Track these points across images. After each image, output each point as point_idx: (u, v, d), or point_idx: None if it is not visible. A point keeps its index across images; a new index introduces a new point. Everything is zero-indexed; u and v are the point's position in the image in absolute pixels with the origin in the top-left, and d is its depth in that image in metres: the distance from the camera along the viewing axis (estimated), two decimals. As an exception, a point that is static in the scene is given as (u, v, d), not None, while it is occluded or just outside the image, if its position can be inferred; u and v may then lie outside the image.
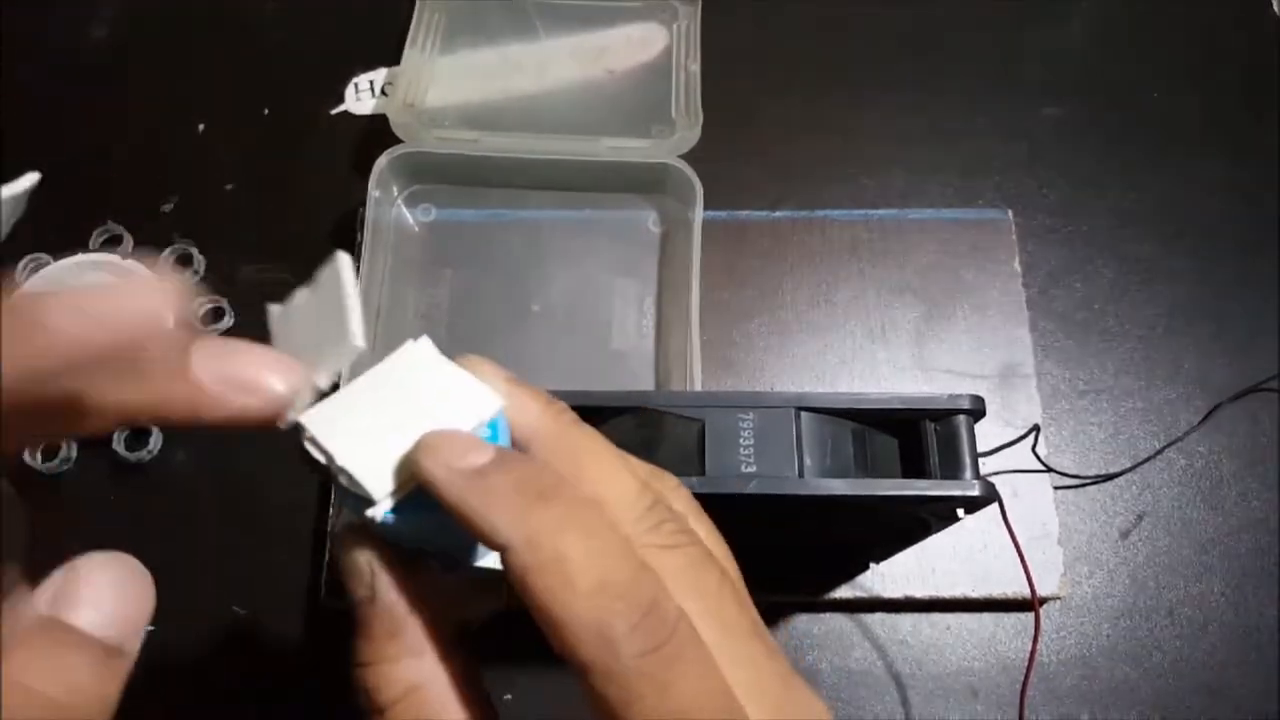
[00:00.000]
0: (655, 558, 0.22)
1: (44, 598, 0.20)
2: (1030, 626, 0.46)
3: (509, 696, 0.46)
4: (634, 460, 0.25)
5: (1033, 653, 0.42)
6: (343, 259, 0.23)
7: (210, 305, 0.52)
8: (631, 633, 0.19)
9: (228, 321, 0.52)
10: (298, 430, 0.21)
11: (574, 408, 0.34)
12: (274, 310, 0.23)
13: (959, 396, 0.34)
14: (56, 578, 0.20)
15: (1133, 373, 0.52)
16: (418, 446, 0.21)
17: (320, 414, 0.21)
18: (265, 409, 0.21)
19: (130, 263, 0.52)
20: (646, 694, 0.19)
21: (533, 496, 0.21)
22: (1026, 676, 0.42)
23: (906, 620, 0.47)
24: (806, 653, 0.46)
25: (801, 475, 0.32)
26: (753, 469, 0.32)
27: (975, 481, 0.33)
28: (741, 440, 0.33)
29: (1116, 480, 0.50)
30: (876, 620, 0.47)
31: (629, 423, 0.34)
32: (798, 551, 0.45)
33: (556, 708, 0.45)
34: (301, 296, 0.23)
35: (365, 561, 0.22)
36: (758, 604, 0.24)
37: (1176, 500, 0.50)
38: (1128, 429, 0.51)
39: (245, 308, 0.52)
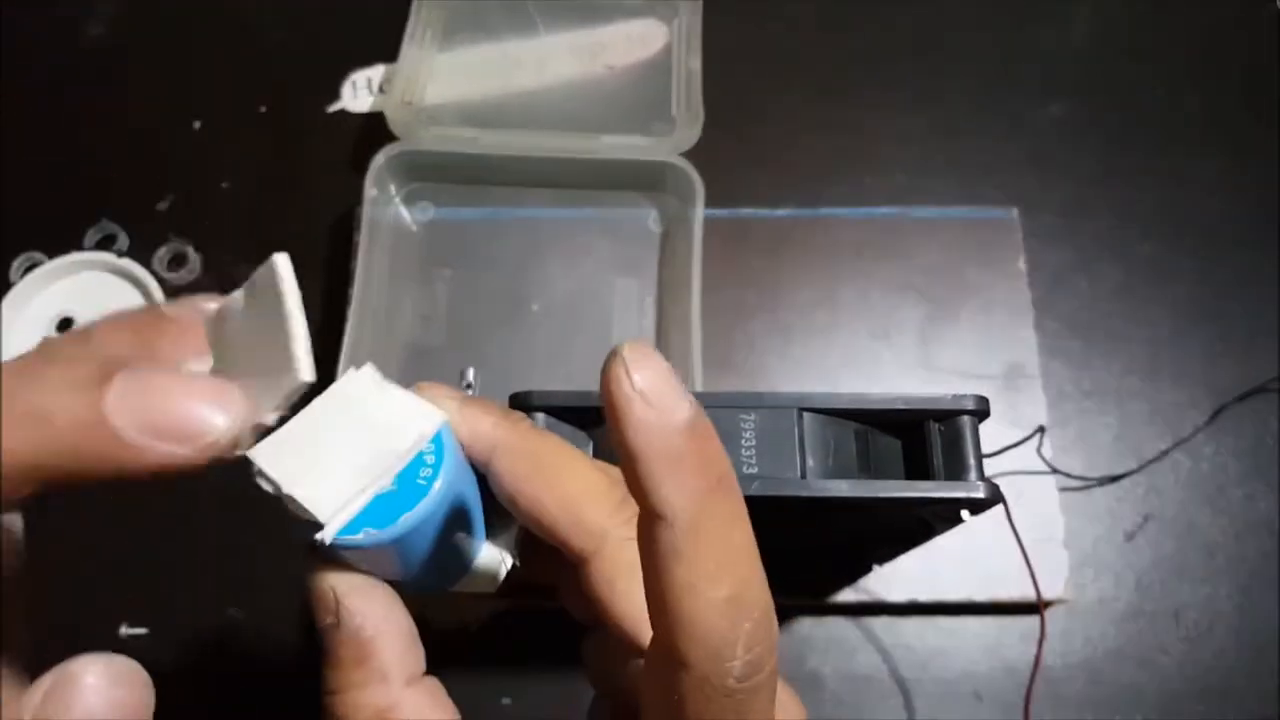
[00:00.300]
0: (633, 549, 0.22)
1: (32, 704, 0.19)
2: (1035, 630, 0.46)
3: (507, 700, 0.45)
4: (598, 461, 0.25)
5: (1038, 657, 0.41)
6: (281, 264, 0.21)
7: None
8: (746, 653, 0.19)
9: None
10: (247, 465, 0.21)
11: (574, 408, 0.33)
12: (208, 309, 0.22)
13: (963, 397, 0.33)
14: (45, 681, 0.19)
15: (1138, 373, 0.52)
16: (617, 394, 0.18)
17: (266, 446, 0.21)
18: (198, 457, 0.19)
19: (126, 262, 0.51)
20: (727, 713, 0.19)
21: (714, 479, 0.19)
22: (1032, 681, 0.42)
23: (910, 624, 0.47)
24: (809, 656, 0.46)
25: (804, 476, 0.32)
26: (755, 470, 0.32)
27: (980, 483, 0.32)
28: (743, 441, 0.32)
29: (1122, 482, 0.49)
30: (880, 624, 0.47)
31: None
32: (800, 553, 0.44)
33: (556, 709, 0.45)
34: (240, 301, 0.22)
35: (329, 588, 0.22)
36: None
37: (1182, 502, 0.49)
38: (1133, 430, 0.51)
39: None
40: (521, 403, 0.33)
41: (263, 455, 0.21)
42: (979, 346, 0.51)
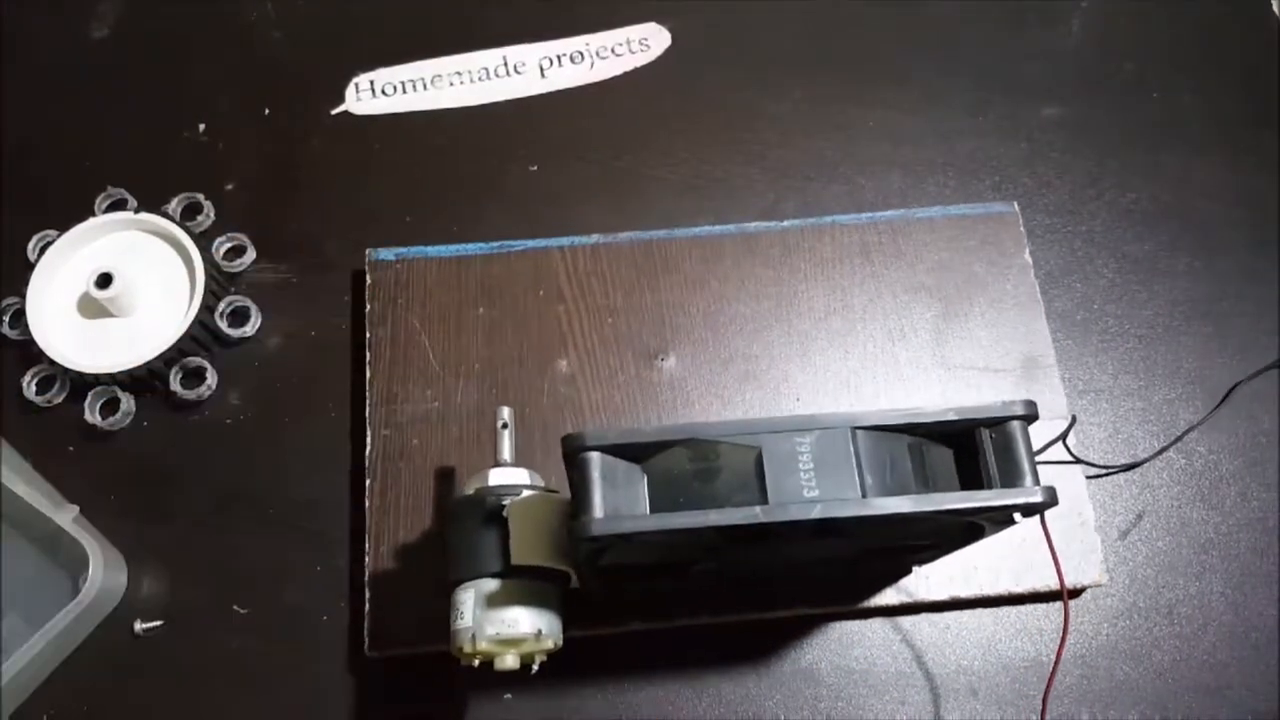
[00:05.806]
0: None
1: None
2: (1026, 626, 0.47)
3: (509, 695, 0.45)
4: None
5: (1058, 655, 0.42)
6: None
7: (230, 244, 0.53)
8: None
9: (249, 257, 0.53)
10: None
11: (625, 445, 0.33)
12: None
13: (1012, 403, 0.34)
14: None
15: (1132, 372, 0.53)
16: None
17: None
18: None
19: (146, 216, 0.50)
20: None
21: None
22: (1052, 675, 0.42)
23: (906, 620, 0.47)
24: (806, 652, 0.47)
25: (864, 495, 0.32)
26: (815, 493, 0.32)
27: (1036, 487, 0.32)
28: (801, 464, 0.32)
29: (1115, 479, 0.50)
30: (876, 620, 0.47)
31: (681, 455, 0.33)
32: (843, 563, 0.44)
33: (556, 707, 0.45)
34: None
35: None
36: (793, 618, 0.24)
37: (1176, 500, 0.50)
38: (1126, 428, 0.51)
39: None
40: (575, 444, 0.33)
41: None
42: (994, 340, 0.51)
